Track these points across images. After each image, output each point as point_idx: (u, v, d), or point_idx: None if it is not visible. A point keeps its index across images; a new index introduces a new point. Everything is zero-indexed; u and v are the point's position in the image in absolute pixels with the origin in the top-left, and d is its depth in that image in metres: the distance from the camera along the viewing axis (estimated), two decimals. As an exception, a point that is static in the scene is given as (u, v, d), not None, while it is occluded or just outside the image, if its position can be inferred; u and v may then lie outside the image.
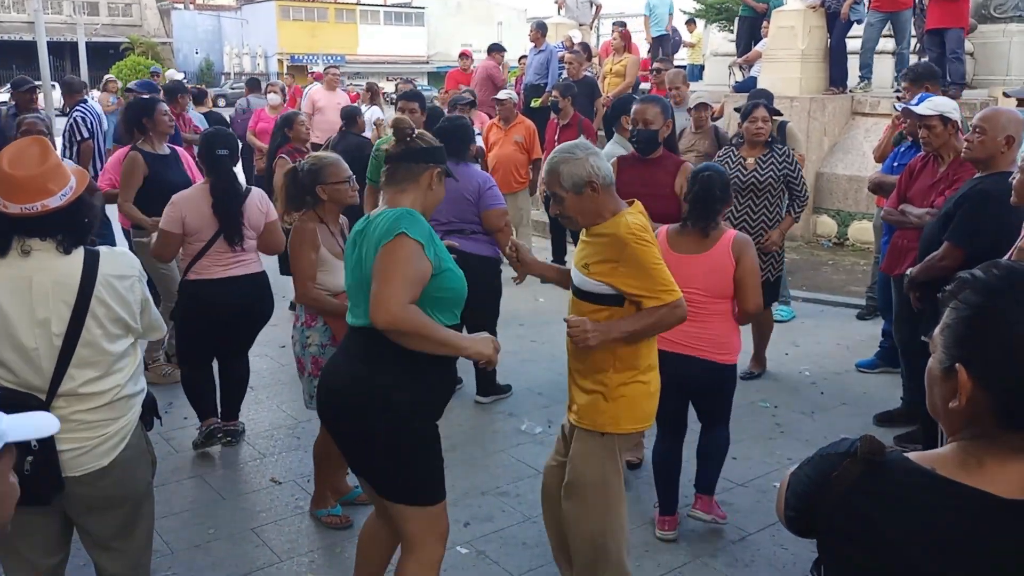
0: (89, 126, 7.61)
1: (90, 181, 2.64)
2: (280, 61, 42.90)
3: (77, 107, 7.76)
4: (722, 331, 3.59)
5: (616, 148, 5.15)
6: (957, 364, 1.20)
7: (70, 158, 7.47)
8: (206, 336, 4.52)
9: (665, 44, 12.88)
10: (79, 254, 2.50)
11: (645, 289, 2.84)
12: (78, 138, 7.51)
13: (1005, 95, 5.10)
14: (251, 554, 3.66)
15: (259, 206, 4.47)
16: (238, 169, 4.98)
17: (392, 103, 11.91)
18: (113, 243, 6.64)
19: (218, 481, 4.31)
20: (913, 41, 9.80)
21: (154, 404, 2.83)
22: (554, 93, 8.61)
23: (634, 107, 4.57)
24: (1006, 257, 3.15)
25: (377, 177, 5.83)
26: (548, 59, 10.75)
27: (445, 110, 7.84)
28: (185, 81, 12.17)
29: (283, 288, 5.64)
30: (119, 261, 2.59)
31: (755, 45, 11.12)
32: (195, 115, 9.18)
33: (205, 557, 3.63)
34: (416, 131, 2.73)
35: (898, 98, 5.60)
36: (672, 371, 3.35)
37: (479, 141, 7.37)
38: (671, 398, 3.42)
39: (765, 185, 5.33)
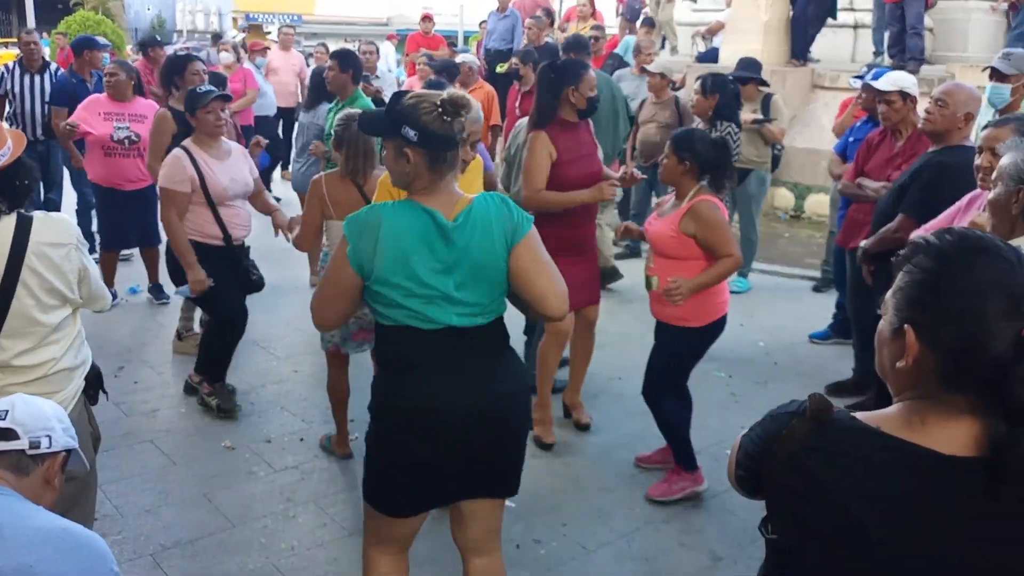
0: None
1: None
2: (235, 20, 41.82)
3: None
4: None
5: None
6: (906, 325, 1.23)
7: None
8: None
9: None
10: (11, 220, 2.41)
11: None
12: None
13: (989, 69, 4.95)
14: (203, 519, 3.62)
15: None
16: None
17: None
18: (60, 195, 6.65)
19: (170, 446, 4.25)
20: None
21: (99, 377, 2.74)
22: (514, 60, 8.52)
23: None
24: (957, 222, 3.19)
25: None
26: (514, 24, 10.65)
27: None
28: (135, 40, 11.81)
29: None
30: (55, 228, 2.49)
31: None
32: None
33: (155, 522, 3.59)
34: (441, 100, 2.25)
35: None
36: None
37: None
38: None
39: None
